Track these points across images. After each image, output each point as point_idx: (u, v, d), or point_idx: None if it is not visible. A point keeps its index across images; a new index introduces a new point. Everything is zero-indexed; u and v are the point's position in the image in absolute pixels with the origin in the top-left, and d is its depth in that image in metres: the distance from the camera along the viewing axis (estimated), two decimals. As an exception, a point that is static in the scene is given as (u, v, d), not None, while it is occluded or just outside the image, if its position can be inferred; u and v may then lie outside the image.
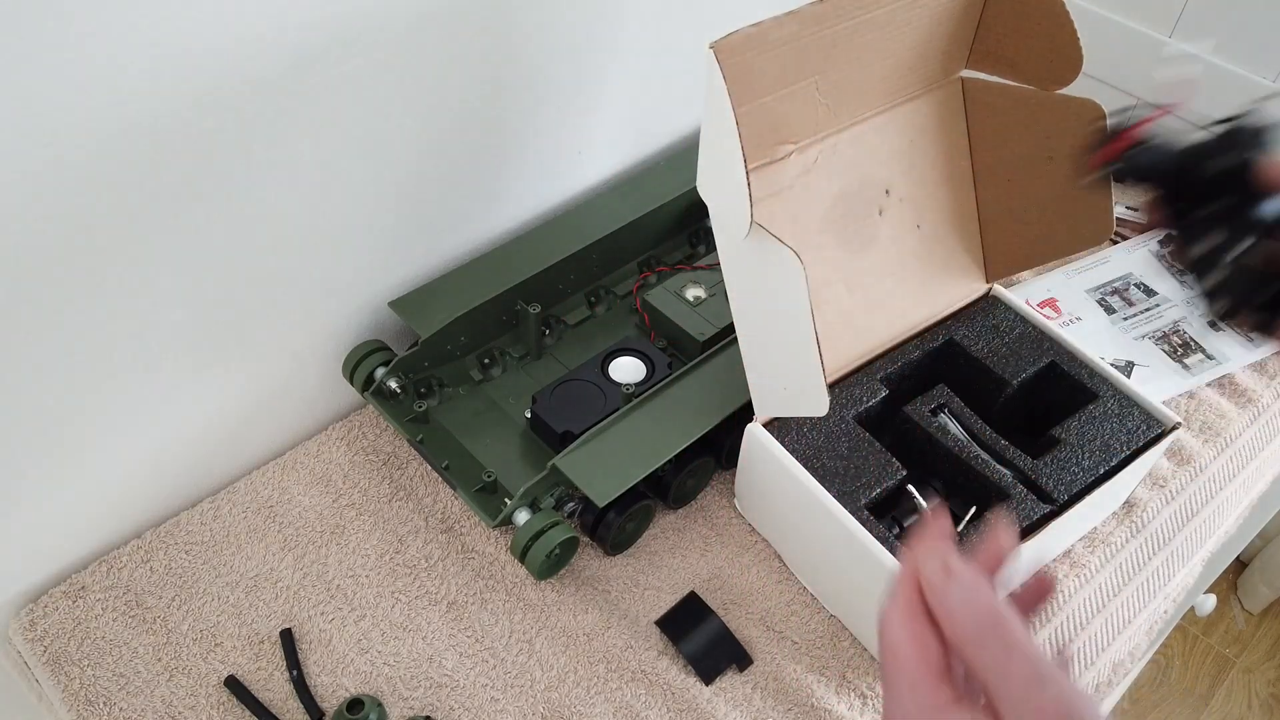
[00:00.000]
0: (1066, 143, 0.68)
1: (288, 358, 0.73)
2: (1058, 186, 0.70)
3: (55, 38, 0.48)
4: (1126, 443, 0.67)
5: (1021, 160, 0.71)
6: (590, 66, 0.79)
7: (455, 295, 0.76)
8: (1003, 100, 0.70)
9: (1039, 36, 0.66)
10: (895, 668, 0.36)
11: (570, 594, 0.68)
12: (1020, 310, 0.75)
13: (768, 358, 0.63)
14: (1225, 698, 1.54)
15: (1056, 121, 0.68)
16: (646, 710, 0.63)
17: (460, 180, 0.76)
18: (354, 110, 0.64)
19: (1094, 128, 0.61)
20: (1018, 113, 0.70)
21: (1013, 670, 0.33)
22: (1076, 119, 0.66)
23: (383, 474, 0.74)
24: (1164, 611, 0.73)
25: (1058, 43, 0.65)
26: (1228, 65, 0.99)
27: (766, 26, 0.57)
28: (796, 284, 0.54)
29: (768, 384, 0.64)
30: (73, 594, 0.67)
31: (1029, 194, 0.72)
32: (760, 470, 0.68)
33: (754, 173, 0.65)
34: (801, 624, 0.67)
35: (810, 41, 0.60)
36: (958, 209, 0.74)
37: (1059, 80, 0.66)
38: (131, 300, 0.61)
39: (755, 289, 0.61)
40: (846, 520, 0.61)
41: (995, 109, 0.71)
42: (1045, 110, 0.68)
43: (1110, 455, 0.66)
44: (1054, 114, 0.67)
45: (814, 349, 0.56)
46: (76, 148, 0.53)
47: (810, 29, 0.59)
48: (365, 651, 0.65)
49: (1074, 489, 0.64)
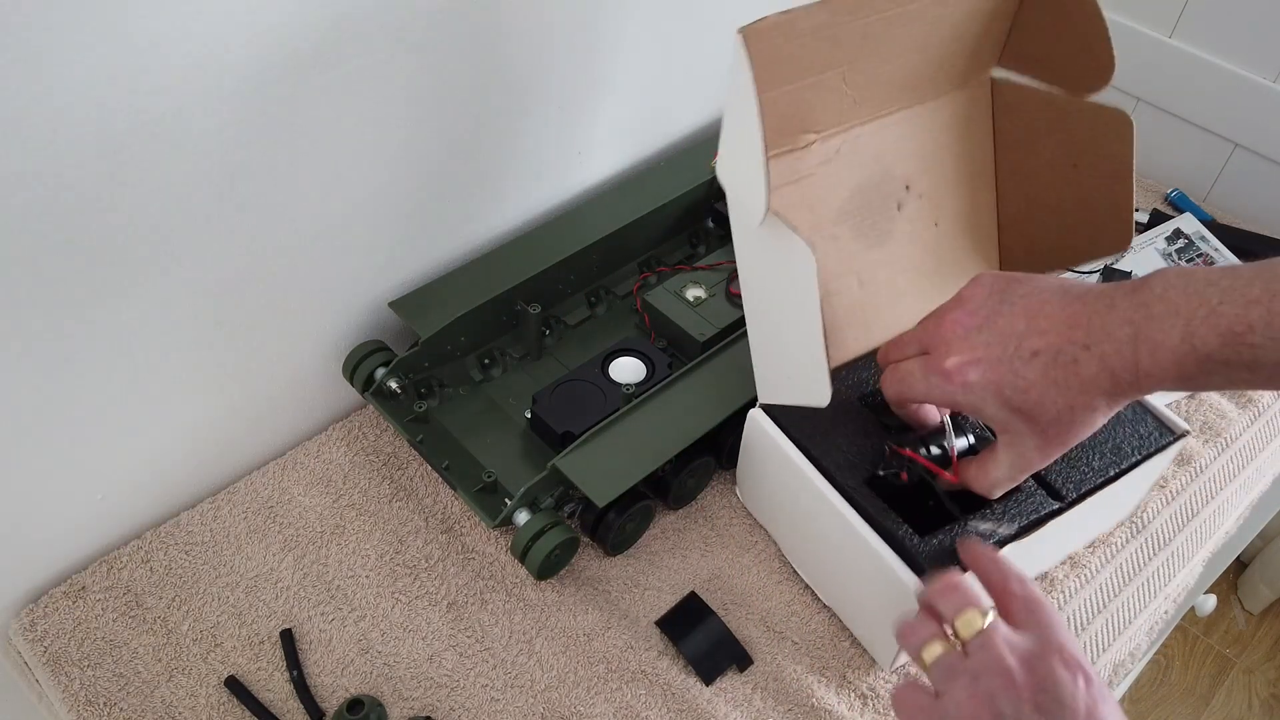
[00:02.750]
0: (1092, 150, 0.67)
1: (288, 358, 0.73)
2: (1080, 194, 0.69)
3: (52, 39, 0.49)
4: (1138, 447, 0.66)
5: (1046, 165, 0.70)
6: (590, 66, 0.79)
7: (455, 295, 0.76)
8: (1032, 103, 0.70)
9: (1073, 40, 0.65)
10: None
11: (570, 594, 0.68)
12: None
13: (773, 345, 0.63)
14: (1225, 698, 1.54)
15: (1084, 128, 0.67)
16: (646, 710, 0.63)
17: (460, 180, 0.76)
18: (354, 110, 0.64)
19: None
20: (1046, 117, 0.69)
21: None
22: (1105, 127, 0.65)
23: (383, 474, 0.74)
24: (1164, 612, 0.73)
25: (1091, 47, 0.64)
26: (1228, 65, 0.99)
27: (796, 14, 0.57)
28: (807, 276, 0.54)
29: (772, 370, 0.64)
30: (73, 594, 0.67)
31: (1050, 199, 0.71)
32: (759, 457, 0.68)
33: (774, 159, 0.64)
34: (801, 624, 0.67)
35: (841, 31, 0.60)
36: (977, 209, 0.74)
37: (1089, 86, 0.66)
38: (131, 300, 0.61)
39: (766, 276, 0.61)
40: (844, 508, 0.60)
41: (1024, 111, 0.70)
42: (1074, 116, 0.67)
43: (1121, 458, 0.65)
44: (1082, 121, 0.67)
45: (820, 341, 0.56)
46: (75, 147, 0.53)
47: (842, 19, 0.59)
48: (365, 651, 0.65)
49: (1083, 488, 0.64)
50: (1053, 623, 0.46)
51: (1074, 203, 0.70)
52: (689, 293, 0.79)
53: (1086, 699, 0.43)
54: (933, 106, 0.70)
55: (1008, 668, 0.44)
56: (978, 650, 0.45)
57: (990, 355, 0.51)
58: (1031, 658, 0.44)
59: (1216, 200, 1.05)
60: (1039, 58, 0.68)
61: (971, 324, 0.52)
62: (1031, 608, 0.47)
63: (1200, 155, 1.04)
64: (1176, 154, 1.05)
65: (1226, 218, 1.01)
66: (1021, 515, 0.61)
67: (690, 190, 0.85)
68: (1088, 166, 0.68)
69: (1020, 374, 0.50)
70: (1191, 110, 1.02)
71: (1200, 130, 1.03)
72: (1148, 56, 1.03)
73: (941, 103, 0.70)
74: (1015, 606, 0.48)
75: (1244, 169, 1.02)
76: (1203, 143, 1.03)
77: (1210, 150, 1.03)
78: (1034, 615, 0.47)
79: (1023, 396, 0.50)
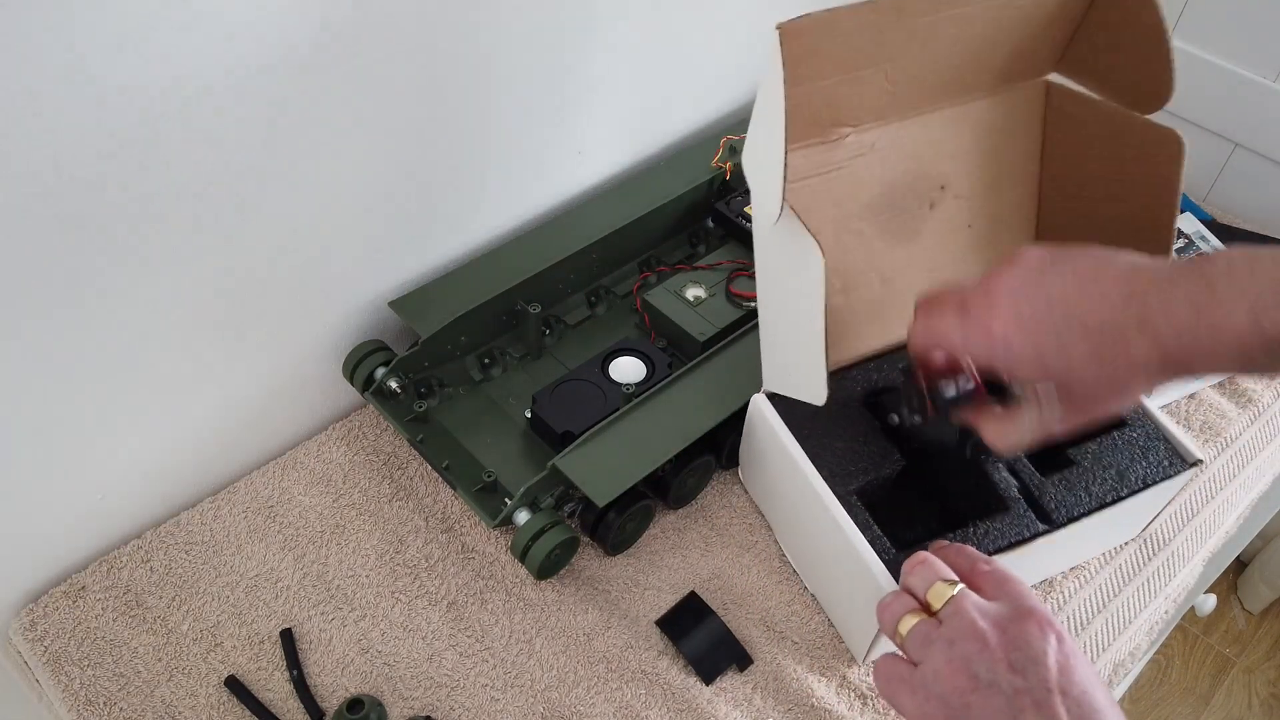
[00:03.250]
0: (1140, 168, 0.65)
1: (288, 358, 0.73)
2: (1123, 211, 0.67)
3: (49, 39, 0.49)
4: (1143, 476, 0.64)
5: (1090, 177, 0.69)
6: (590, 66, 0.79)
7: (455, 295, 0.76)
8: (1087, 113, 0.68)
9: (1134, 55, 0.63)
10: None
11: (570, 594, 0.68)
12: None
13: (780, 337, 0.63)
14: (1225, 697, 1.54)
15: (1135, 145, 0.65)
16: (646, 710, 0.63)
17: (460, 180, 0.76)
18: (353, 110, 0.64)
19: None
20: (1099, 129, 0.67)
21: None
22: (1156, 146, 0.63)
23: (383, 474, 0.74)
24: (1164, 611, 0.73)
25: (1152, 65, 0.62)
26: (1228, 65, 0.99)
27: (840, 14, 0.56)
28: (815, 276, 0.54)
29: (777, 360, 0.65)
30: (73, 594, 0.67)
31: (1093, 213, 0.70)
32: (759, 440, 0.68)
33: (805, 149, 0.64)
34: (801, 624, 0.67)
35: (887, 32, 0.59)
36: (1016, 216, 0.72)
37: (1147, 104, 0.64)
38: (131, 300, 0.61)
39: (778, 270, 0.61)
40: (831, 503, 0.61)
41: (1077, 121, 0.69)
42: (1127, 132, 0.65)
43: (1123, 485, 0.64)
44: (1134, 137, 0.65)
45: (820, 342, 0.56)
46: (75, 148, 0.53)
47: (889, 18, 0.58)
48: (365, 651, 0.65)
49: (1075, 512, 0.62)
50: (1022, 592, 0.47)
51: (1115, 219, 0.68)
52: (689, 292, 0.79)
53: (1059, 655, 0.44)
54: (979, 106, 0.68)
55: (980, 631, 0.45)
56: (950, 617, 0.46)
57: (1036, 318, 0.49)
58: (1003, 620, 0.45)
59: (1216, 200, 1.05)
60: (1099, 70, 0.67)
61: (1019, 286, 0.50)
62: (1000, 579, 0.48)
63: (1200, 155, 1.04)
64: (1176, 154, 1.05)
65: (1226, 217, 1.01)
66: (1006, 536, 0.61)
67: (690, 190, 0.85)
68: (1133, 184, 0.66)
69: (1065, 343, 0.48)
70: (1191, 110, 1.02)
71: (1200, 130, 1.03)
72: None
73: (989, 104, 0.69)
74: (984, 581, 0.49)
75: (1244, 169, 1.02)
76: (1203, 143, 1.03)
77: (1210, 150, 1.03)
78: (1003, 586, 0.48)
79: (1064, 366, 0.49)
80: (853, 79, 0.61)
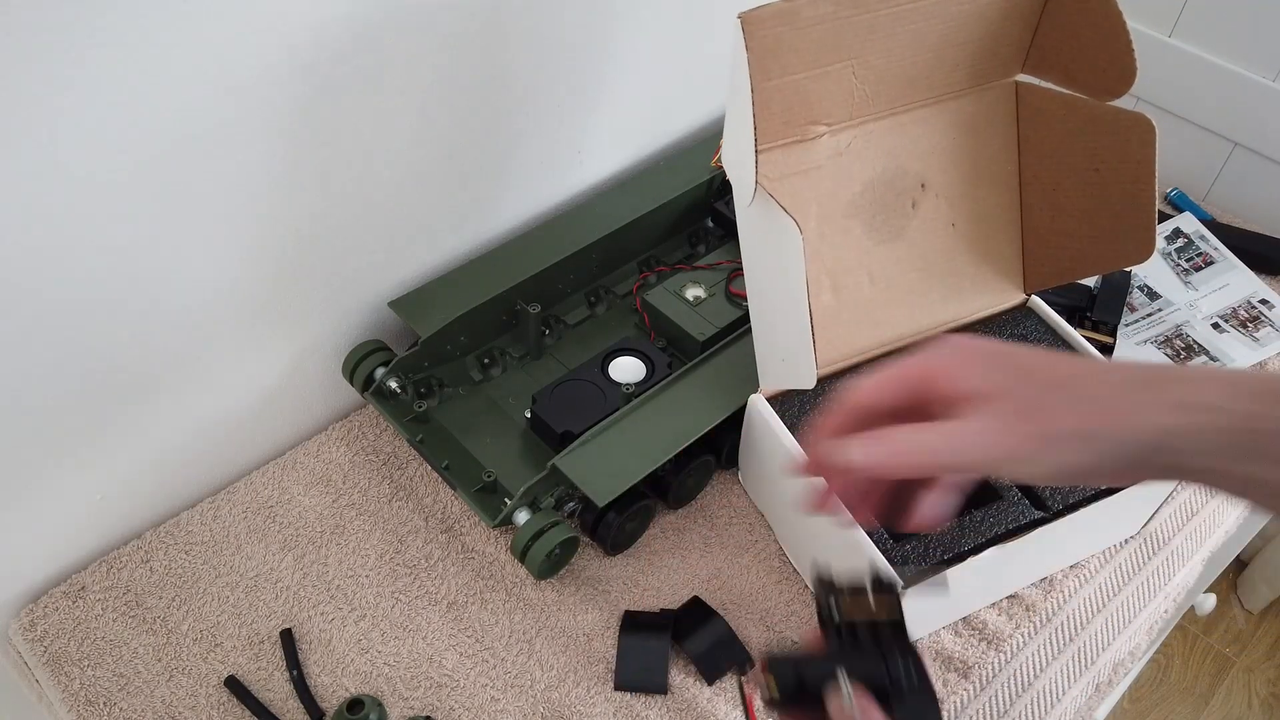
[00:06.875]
0: (1115, 155, 0.67)
1: (288, 357, 0.73)
2: (1103, 199, 0.68)
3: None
4: None
5: (1068, 170, 0.70)
6: (590, 66, 0.79)
7: (455, 295, 0.76)
8: (1055, 107, 0.69)
9: (1095, 45, 0.65)
10: None
11: (570, 594, 0.68)
12: (1055, 325, 0.73)
13: (769, 327, 0.64)
14: (1225, 697, 1.54)
15: (1106, 134, 0.66)
16: (646, 710, 0.63)
17: (460, 180, 0.76)
18: (353, 112, 0.64)
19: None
20: (1069, 121, 0.69)
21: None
22: (1127, 132, 0.65)
23: (383, 474, 0.74)
24: (1164, 611, 0.73)
25: (1113, 52, 0.64)
26: (1228, 65, 0.99)
27: (799, 4, 0.57)
28: (794, 251, 0.55)
29: (769, 354, 0.65)
30: (73, 594, 0.67)
31: (1073, 206, 0.71)
32: (758, 440, 0.68)
33: (782, 149, 0.65)
34: (802, 624, 0.67)
35: (846, 24, 0.60)
36: (998, 213, 0.73)
37: (1111, 91, 0.65)
38: (130, 300, 0.61)
39: (762, 258, 0.61)
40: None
41: (1047, 115, 0.70)
42: (1096, 121, 0.67)
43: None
44: (1105, 126, 0.66)
45: (806, 315, 0.56)
46: (74, 148, 0.53)
47: (846, 11, 0.59)
48: (365, 651, 0.65)
49: (1070, 500, 0.63)
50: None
51: (1097, 209, 0.69)
52: (689, 292, 0.79)
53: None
54: (951, 106, 0.69)
55: None
56: None
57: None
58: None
59: (1216, 199, 1.05)
60: (1061, 63, 0.68)
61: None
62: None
63: (1200, 154, 1.04)
64: (1176, 153, 1.05)
65: (1226, 217, 1.00)
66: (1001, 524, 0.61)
67: (690, 190, 0.85)
68: (1110, 172, 0.67)
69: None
70: (1191, 109, 1.02)
71: (1200, 129, 1.03)
72: (1148, 56, 1.03)
73: (960, 103, 0.70)
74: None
75: (1243, 168, 1.02)
76: (1202, 142, 1.03)
77: (1210, 149, 1.03)
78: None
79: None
80: (822, 74, 0.62)
